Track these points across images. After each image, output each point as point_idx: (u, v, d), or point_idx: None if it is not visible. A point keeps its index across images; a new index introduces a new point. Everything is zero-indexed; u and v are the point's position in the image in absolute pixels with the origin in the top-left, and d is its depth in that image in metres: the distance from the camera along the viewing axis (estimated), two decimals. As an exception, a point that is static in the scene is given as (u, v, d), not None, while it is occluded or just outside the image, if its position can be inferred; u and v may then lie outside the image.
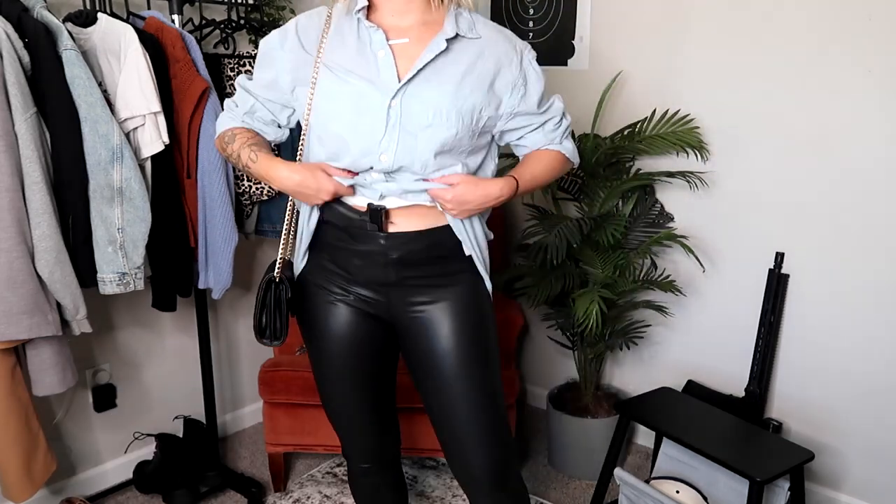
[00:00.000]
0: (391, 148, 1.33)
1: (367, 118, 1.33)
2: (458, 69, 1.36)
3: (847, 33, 2.02)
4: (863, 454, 2.18)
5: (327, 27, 1.40)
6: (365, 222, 1.40)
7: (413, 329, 1.47)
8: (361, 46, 1.37)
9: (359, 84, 1.34)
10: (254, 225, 2.42)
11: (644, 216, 2.47)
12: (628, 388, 2.69)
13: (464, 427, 1.47)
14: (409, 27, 1.37)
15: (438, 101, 1.33)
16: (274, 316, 1.48)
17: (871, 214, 2.06)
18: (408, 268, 1.43)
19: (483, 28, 1.41)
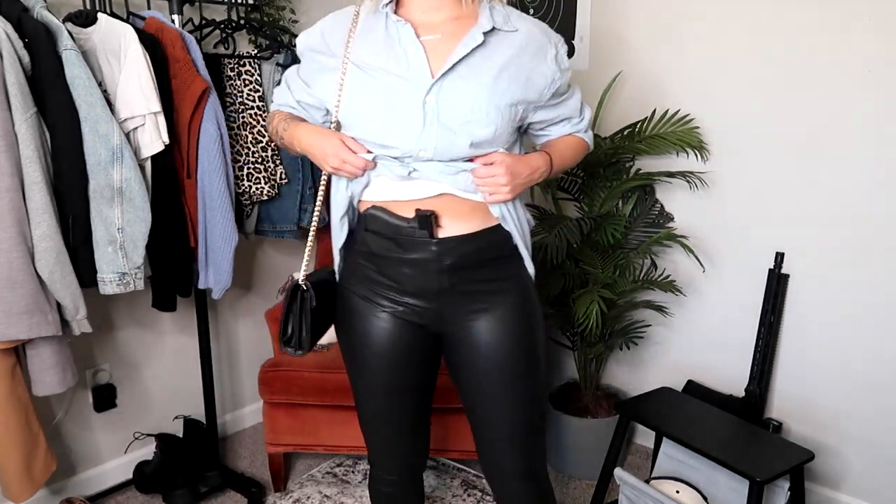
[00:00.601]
0: (430, 145, 1.31)
1: (401, 114, 1.30)
2: (494, 63, 1.33)
3: (847, 33, 2.02)
4: (863, 454, 2.18)
5: (354, 26, 1.38)
6: (413, 229, 1.36)
7: (462, 337, 1.44)
8: (390, 42, 1.34)
9: (388, 79, 1.32)
10: (254, 225, 2.43)
11: (644, 216, 2.47)
12: (628, 388, 2.69)
13: (503, 435, 1.47)
14: (440, 23, 1.35)
15: (476, 96, 1.30)
16: (300, 325, 1.43)
17: (871, 214, 2.06)
18: (460, 273, 1.40)
19: (518, 20, 1.38)
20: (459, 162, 1.33)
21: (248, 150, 2.30)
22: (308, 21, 2.66)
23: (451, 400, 1.60)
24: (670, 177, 2.34)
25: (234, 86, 2.28)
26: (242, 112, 2.29)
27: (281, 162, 2.36)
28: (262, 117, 2.30)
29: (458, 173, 1.34)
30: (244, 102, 2.28)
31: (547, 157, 1.44)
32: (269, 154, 2.32)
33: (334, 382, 2.24)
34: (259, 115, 2.30)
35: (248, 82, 2.28)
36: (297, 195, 2.41)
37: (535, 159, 1.41)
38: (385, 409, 1.53)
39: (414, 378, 1.51)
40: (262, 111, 2.30)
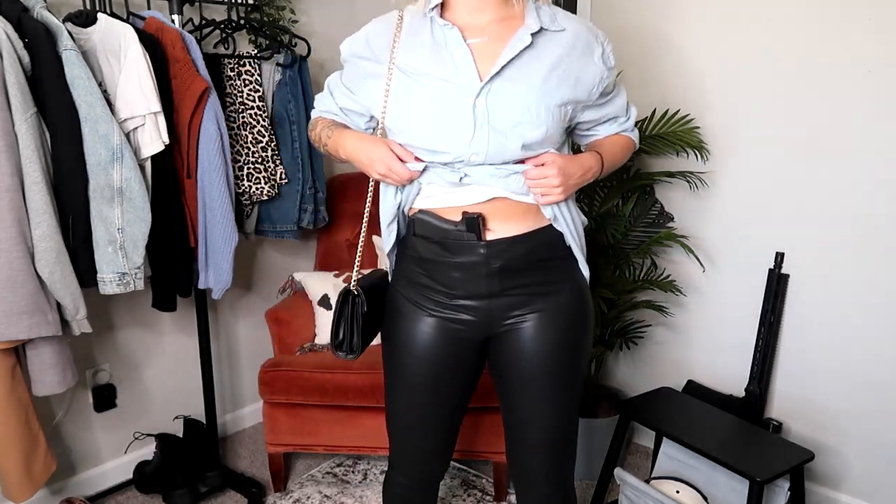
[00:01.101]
0: (482, 149, 1.29)
1: (451, 119, 1.29)
2: (543, 64, 1.31)
3: (847, 33, 2.02)
4: (863, 454, 2.18)
5: (398, 31, 1.36)
6: (462, 232, 1.34)
7: (508, 340, 1.43)
8: (436, 47, 1.33)
9: (436, 84, 1.30)
10: (254, 225, 2.43)
11: (644, 216, 2.47)
12: (628, 388, 2.69)
13: (536, 439, 1.47)
14: (485, 25, 1.33)
15: (526, 97, 1.29)
16: (351, 329, 1.43)
17: (871, 214, 2.06)
18: (511, 276, 1.38)
19: (565, 20, 1.37)
20: (510, 164, 1.32)
21: (248, 150, 2.30)
22: (308, 21, 2.66)
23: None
24: (670, 177, 2.34)
25: (234, 86, 2.28)
26: (242, 112, 2.29)
27: (281, 162, 2.36)
28: (262, 117, 2.30)
29: (509, 176, 1.32)
30: (244, 102, 2.28)
31: (598, 156, 1.42)
32: (269, 154, 2.32)
33: (334, 382, 2.24)
34: (259, 115, 2.30)
35: (248, 82, 2.28)
36: (297, 195, 2.41)
37: (587, 159, 1.40)
38: (419, 415, 1.50)
39: (453, 387, 1.49)
40: (262, 111, 2.30)
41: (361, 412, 2.28)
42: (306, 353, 2.41)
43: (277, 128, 2.37)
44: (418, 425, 1.52)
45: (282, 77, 2.36)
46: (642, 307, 2.44)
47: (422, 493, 1.63)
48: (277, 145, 2.36)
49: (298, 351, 2.44)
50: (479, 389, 1.65)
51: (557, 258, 1.42)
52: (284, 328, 2.47)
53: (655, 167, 2.44)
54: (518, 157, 1.31)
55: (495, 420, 2.07)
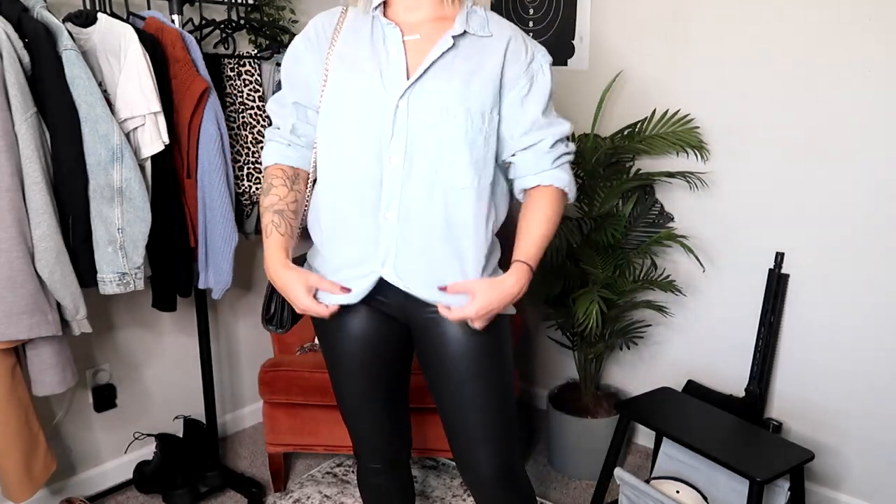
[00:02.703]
0: (400, 150, 1.32)
1: (374, 118, 1.32)
2: (466, 67, 1.33)
3: (847, 33, 2.02)
4: (863, 454, 2.18)
5: (340, 23, 1.40)
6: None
7: (428, 330, 1.44)
8: (374, 42, 1.36)
9: (367, 82, 1.33)
10: (254, 225, 2.42)
11: (644, 216, 2.47)
12: (628, 388, 2.69)
13: (474, 429, 1.47)
14: (420, 23, 1.36)
15: (445, 98, 1.31)
16: (282, 305, 1.49)
17: (871, 214, 2.06)
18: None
19: (497, 27, 1.38)
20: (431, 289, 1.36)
21: (248, 150, 2.30)
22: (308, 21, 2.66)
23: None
24: (670, 177, 2.34)
25: (234, 86, 2.28)
26: (242, 112, 2.29)
27: (281, 162, 2.36)
28: (262, 117, 2.30)
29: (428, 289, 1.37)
30: (244, 102, 2.28)
31: (524, 268, 1.38)
32: (269, 154, 2.32)
33: (334, 382, 2.24)
34: (259, 115, 2.30)
35: (248, 82, 2.28)
36: (297, 195, 2.41)
37: (510, 285, 1.36)
38: (357, 393, 1.54)
39: (384, 366, 1.53)
40: (262, 111, 2.30)
41: (361, 412, 2.28)
42: (306, 352, 2.41)
43: (277, 128, 2.37)
44: (361, 406, 1.55)
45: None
46: (642, 307, 2.44)
47: (389, 476, 1.66)
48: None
49: (298, 351, 2.44)
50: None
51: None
52: (284, 328, 2.47)
53: (655, 167, 2.44)
54: (442, 170, 1.32)
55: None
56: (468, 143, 1.33)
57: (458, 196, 1.34)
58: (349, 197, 1.37)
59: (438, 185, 1.33)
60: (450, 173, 1.33)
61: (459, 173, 1.33)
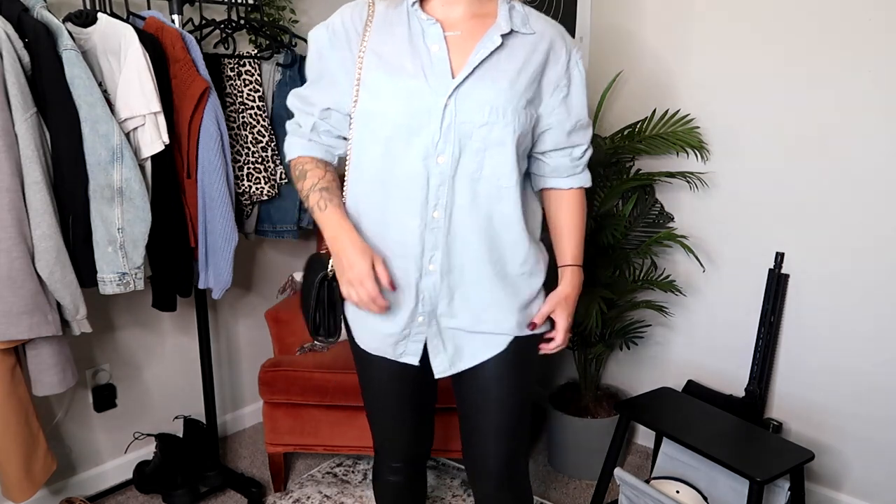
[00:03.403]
0: (448, 150, 1.29)
1: (420, 119, 1.29)
2: (512, 65, 1.31)
3: (847, 34, 2.02)
4: (863, 454, 2.18)
5: (371, 17, 1.35)
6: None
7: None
8: (413, 38, 1.31)
9: (410, 82, 1.29)
10: (254, 225, 2.43)
11: (644, 216, 2.47)
12: (628, 388, 2.69)
13: (492, 425, 1.48)
14: (458, 19, 1.32)
15: (494, 99, 1.29)
16: (328, 314, 1.44)
17: (871, 214, 2.06)
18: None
19: (536, 22, 1.36)
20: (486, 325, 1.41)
21: (248, 150, 2.30)
22: (308, 21, 2.66)
23: (452, 400, 1.62)
24: (670, 177, 2.34)
25: (234, 86, 2.28)
26: (242, 112, 2.29)
27: (281, 162, 2.36)
28: (262, 117, 2.30)
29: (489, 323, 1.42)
30: (244, 102, 2.28)
31: (577, 271, 1.48)
32: (269, 154, 2.32)
33: (334, 382, 2.24)
34: (259, 114, 2.30)
35: (248, 82, 2.28)
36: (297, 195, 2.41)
37: (574, 292, 1.47)
38: (388, 394, 1.53)
39: (419, 387, 1.53)
40: (262, 111, 2.30)
41: (361, 412, 2.28)
42: (306, 353, 2.41)
43: (277, 128, 2.37)
44: (391, 407, 1.55)
45: (282, 77, 2.36)
46: (642, 307, 2.44)
47: (408, 476, 1.65)
48: (277, 145, 2.36)
49: (298, 351, 2.44)
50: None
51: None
52: (284, 328, 2.47)
53: (655, 167, 2.44)
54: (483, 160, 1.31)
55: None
56: (515, 141, 1.32)
57: (502, 194, 1.34)
58: (395, 196, 1.34)
59: (483, 184, 1.32)
60: (493, 171, 1.32)
61: (504, 171, 1.33)
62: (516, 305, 1.42)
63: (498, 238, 1.37)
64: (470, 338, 1.42)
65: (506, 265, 1.39)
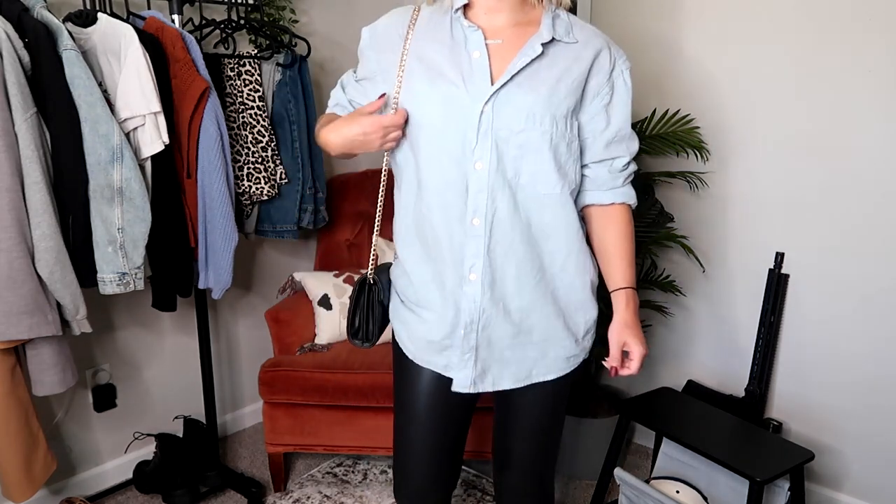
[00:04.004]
0: (485, 156, 1.29)
1: (457, 123, 1.29)
2: (552, 74, 1.30)
3: (847, 33, 2.02)
4: (863, 454, 2.18)
5: (413, 23, 1.36)
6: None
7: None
8: (455, 45, 1.32)
9: (448, 88, 1.29)
10: (254, 225, 2.43)
11: (644, 216, 2.47)
12: (628, 388, 2.69)
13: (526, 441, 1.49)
14: (501, 27, 1.32)
15: (532, 106, 1.28)
16: (367, 317, 1.45)
17: (871, 214, 2.06)
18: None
19: (580, 32, 1.35)
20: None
21: (248, 150, 2.30)
22: (308, 21, 2.66)
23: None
24: (670, 177, 2.34)
25: (234, 86, 2.28)
26: (242, 112, 2.29)
27: (281, 162, 2.36)
28: (263, 117, 2.30)
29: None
30: (244, 102, 2.28)
31: (632, 293, 1.41)
32: (269, 154, 2.32)
33: (334, 382, 2.24)
34: (259, 114, 2.30)
35: (248, 82, 2.28)
36: (297, 195, 2.41)
37: (636, 315, 1.41)
38: (426, 429, 1.47)
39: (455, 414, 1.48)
40: (262, 111, 2.30)
41: (361, 412, 2.28)
42: (306, 353, 2.41)
43: (277, 128, 2.37)
44: (425, 446, 1.49)
45: (282, 77, 2.36)
46: (642, 307, 2.44)
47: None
48: (277, 145, 2.36)
49: (298, 351, 2.44)
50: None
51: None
52: (284, 328, 2.47)
53: (655, 167, 2.44)
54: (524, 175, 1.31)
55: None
56: (552, 148, 1.31)
57: (543, 202, 1.33)
58: (434, 203, 1.33)
59: (521, 191, 1.31)
60: (531, 179, 1.31)
61: (542, 179, 1.32)
62: (570, 335, 1.42)
63: (538, 246, 1.35)
64: (505, 353, 1.39)
65: (547, 272, 1.37)
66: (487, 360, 1.38)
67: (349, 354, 2.35)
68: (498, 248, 1.32)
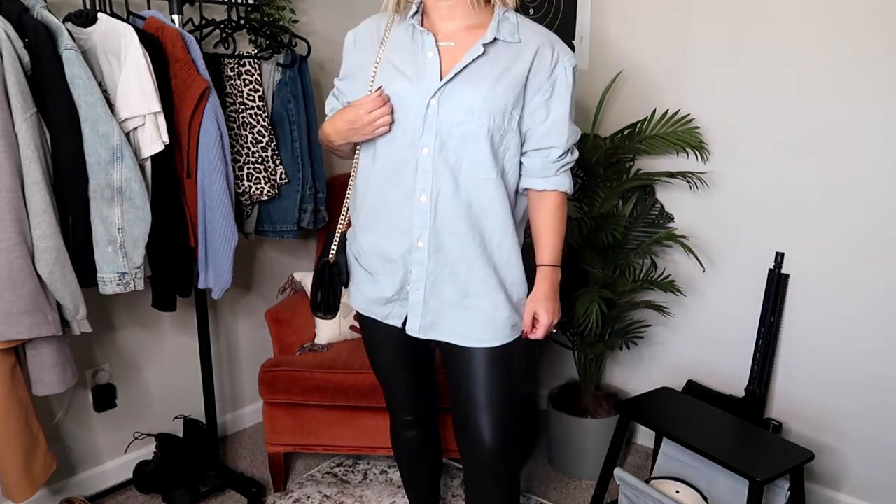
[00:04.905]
0: (430, 143, 1.46)
1: (409, 115, 1.47)
2: (493, 72, 1.46)
3: (847, 33, 2.02)
4: (863, 454, 2.18)
5: (388, 30, 1.54)
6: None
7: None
8: (414, 48, 1.50)
9: (402, 83, 1.48)
10: (254, 225, 2.43)
11: (644, 216, 2.47)
12: (628, 388, 2.69)
13: (481, 395, 1.59)
14: (455, 31, 1.49)
15: (471, 101, 1.45)
16: (328, 293, 1.66)
17: (871, 214, 2.06)
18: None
19: (527, 32, 1.49)
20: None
21: (248, 150, 2.30)
22: (308, 21, 2.66)
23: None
24: (670, 177, 2.34)
25: (234, 86, 2.28)
26: (242, 112, 2.29)
27: (281, 162, 2.36)
28: (262, 117, 2.30)
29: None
30: (244, 102, 2.28)
31: (555, 271, 1.59)
32: (269, 154, 2.32)
33: (334, 382, 2.24)
34: (259, 114, 2.30)
35: (248, 82, 2.28)
36: (297, 195, 2.41)
37: (554, 289, 1.58)
38: (389, 351, 1.71)
39: (418, 349, 1.69)
40: (262, 111, 2.30)
41: (361, 412, 2.28)
42: (306, 353, 2.41)
43: (277, 128, 2.37)
44: (394, 364, 1.73)
45: (282, 77, 2.36)
46: (642, 307, 2.44)
47: (420, 428, 1.84)
48: (277, 145, 2.36)
49: (298, 351, 2.44)
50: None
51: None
52: (284, 328, 2.47)
53: (655, 167, 2.44)
54: (465, 161, 1.48)
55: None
56: (488, 139, 1.47)
57: (481, 185, 1.49)
58: (390, 181, 1.52)
59: (463, 175, 1.48)
60: (471, 165, 1.48)
61: (481, 166, 1.48)
62: (511, 306, 1.57)
63: (479, 223, 1.52)
64: (454, 312, 1.55)
65: (487, 246, 1.53)
66: (437, 314, 1.56)
67: (349, 354, 2.35)
68: (442, 222, 1.50)
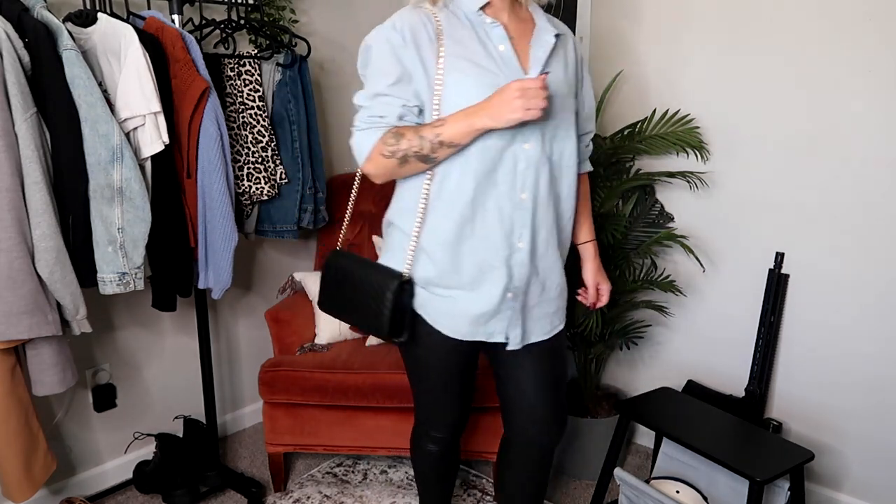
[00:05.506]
0: (532, 137, 1.43)
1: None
2: (563, 62, 1.52)
3: (847, 33, 2.02)
4: (863, 454, 2.18)
5: (438, 21, 1.44)
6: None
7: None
8: (480, 40, 1.45)
9: (493, 77, 1.40)
10: (254, 225, 2.43)
11: (644, 216, 2.47)
12: (628, 388, 2.69)
13: (549, 379, 1.63)
14: (508, 22, 1.48)
15: (559, 87, 1.47)
16: (402, 318, 1.53)
17: (871, 214, 2.06)
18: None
19: (558, 24, 1.57)
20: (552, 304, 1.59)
21: (248, 150, 2.30)
22: (308, 21, 2.66)
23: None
24: (670, 177, 2.34)
25: (234, 86, 2.28)
26: (242, 112, 2.29)
27: (281, 162, 2.36)
28: (263, 117, 2.30)
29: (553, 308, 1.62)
30: (244, 102, 2.28)
31: (596, 244, 1.73)
32: (269, 154, 2.32)
33: (334, 382, 2.24)
34: (259, 114, 2.30)
35: (248, 82, 2.28)
36: (297, 195, 2.41)
37: (598, 256, 1.72)
38: (450, 368, 1.64)
39: (470, 360, 1.67)
40: (262, 111, 2.30)
41: (361, 412, 2.28)
42: (306, 353, 2.41)
43: (277, 128, 2.37)
44: (446, 384, 1.67)
45: (282, 77, 2.36)
46: (642, 307, 2.44)
47: (448, 445, 1.80)
48: (277, 145, 2.36)
49: (298, 351, 2.44)
50: (477, 390, 1.65)
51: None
52: (284, 328, 2.48)
53: (655, 167, 2.44)
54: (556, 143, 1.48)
55: (495, 420, 2.07)
56: (576, 128, 1.53)
57: (567, 174, 1.52)
58: (486, 181, 1.44)
59: (555, 167, 1.49)
60: (562, 154, 1.50)
61: (573, 155, 1.52)
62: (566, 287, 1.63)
63: (558, 211, 1.53)
64: (536, 309, 1.56)
65: (560, 235, 1.55)
66: (527, 317, 1.55)
67: (349, 354, 2.35)
68: (538, 217, 1.49)
